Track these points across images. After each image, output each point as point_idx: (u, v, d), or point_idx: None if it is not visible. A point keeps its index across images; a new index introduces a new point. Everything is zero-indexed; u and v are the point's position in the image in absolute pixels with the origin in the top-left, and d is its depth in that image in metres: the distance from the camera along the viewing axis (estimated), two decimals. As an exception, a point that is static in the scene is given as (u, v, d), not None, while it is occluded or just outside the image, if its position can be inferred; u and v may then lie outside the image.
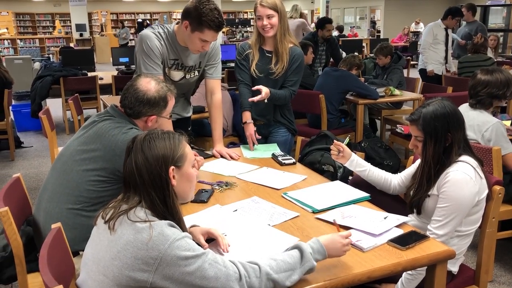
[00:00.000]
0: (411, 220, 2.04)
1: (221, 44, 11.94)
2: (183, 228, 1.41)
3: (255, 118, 2.91)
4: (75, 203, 1.90)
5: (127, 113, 2.01)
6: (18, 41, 17.14)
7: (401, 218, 1.80)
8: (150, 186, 1.36)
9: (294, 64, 2.81)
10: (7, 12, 20.12)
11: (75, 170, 1.92)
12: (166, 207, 1.38)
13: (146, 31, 2.56)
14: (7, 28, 18.85)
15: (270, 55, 2.80)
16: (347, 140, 2.27)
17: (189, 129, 3.10)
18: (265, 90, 2.67)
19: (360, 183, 2.25)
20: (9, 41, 16.61)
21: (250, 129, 2.82)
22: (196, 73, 2.77)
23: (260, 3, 2.69)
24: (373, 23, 19.14)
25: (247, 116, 2.85)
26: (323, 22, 5.87)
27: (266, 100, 2.75)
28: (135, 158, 1.37)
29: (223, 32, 17.45)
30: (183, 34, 2.50)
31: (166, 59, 2.59)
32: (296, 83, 2.88)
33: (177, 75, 2.68)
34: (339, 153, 2.21)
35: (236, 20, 21.84)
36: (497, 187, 1.94)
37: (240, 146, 2.96)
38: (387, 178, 2.23)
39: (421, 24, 16.01)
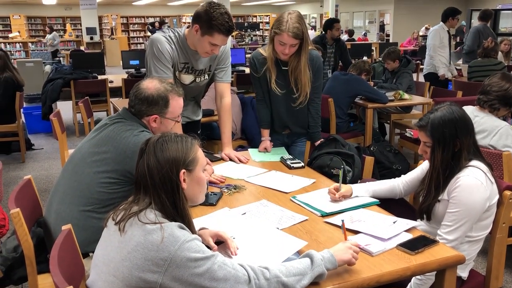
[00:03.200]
0: (420, 224, 2.03)
1: (230, 48, 11.96)
2: (192, 230, 1.42)
3: (280, 129, 2.94)
4: (86, 204, 1.91)
5: (132, 112, 2.02)
6: (30, 44, 17.32)
7: (410, 223, 1.79)
8: (161, 188, 1.37)
9: (312, 69, 2.74)
10: (19, 16, 20.35)
11: (86, 172, 1.94)
12: (176, 210, 1.39)
13: (157, 35, 2.57)
14: (19, 32, 19.07)
15: (286, 68, 2.71)
16: (340, 173, 2.16)
17: (198, 132, 3.11)
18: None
19: (369, 187, 2.23)
20: (20, 44, 16.81)
21: (265, 145, 2.89)
22: (206, 76, 2.78)
23: (287, 33, 2.49)
24: (382, 27, 19.09)
25: (264, 133, 2.92)
26: (332, 22, 5.88)
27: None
28: (147, 159, 1.38)
29: (232, 36, 17.50)
30: (193, 37, 2.51)
31: (176, 63, 2.60)
32: (318, 88, 2.86)
33: (187, 78, 2.69)
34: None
35: (245, 23, 21.88)
36: (507, 192, 1.93)
37: (249, 149, 2.96)
38: (393, 187, 2.20)
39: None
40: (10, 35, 18.31)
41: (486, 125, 2.74)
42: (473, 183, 1.85)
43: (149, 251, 1.26)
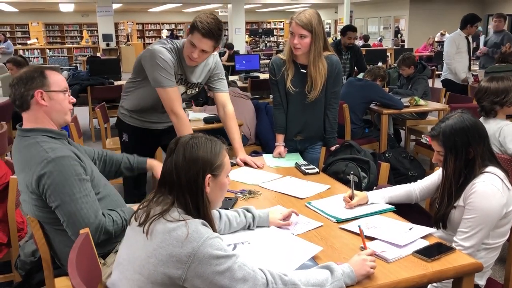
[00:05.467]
0: (437, 231, 2.01)
1: (244, 54, 12.02)
2: (213, 231, 1.43)
3: (292, 135, 2.92)
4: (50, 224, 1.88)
5: (17, 106, 1.84)
6: (47, 50, 17.60)
7: (426, 229, 1.78)
8: (186, 189, 1.39)
9: (332, 74, 2.76)
10: (38, 23, 20.72)
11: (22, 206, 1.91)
12: (198, 212, 1.41)
13: (157, 47, 2.55)
14: (37, 38, 19.39)
15: (305, 70, 2.72)
16: (352, 180, 2.11)
17: None
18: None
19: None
20: (38, 50, 17.07)
21: (279, 150, 2.88)
22: (197, 89, 2.82)
23: (295, 20, 2.57)
24: (397, 32, 18.99)
25: (279, 138, 2.91)
26: (345, 29, 5.87)
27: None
28: (176, 158, 1.40)
29: (246, 42, 17.58)
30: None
31: (175, 73, 2.62)
32: (337, 94, 2.88)
33: (179, 89, 2.70)
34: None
35: (260, 30, 21.96)
36: (526, 200, 1.90)
37: (263, 155, 2.97)
38: (409, 192, 2.19)
39: (447, 35, 15.82)
40: (28, 42, 18.64)
41: (490, 131, 2.77)
42: (489, 189, 1.83)
43: (174, 247, 1.29)
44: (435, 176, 2.16)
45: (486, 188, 1.83)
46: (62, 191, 1.73)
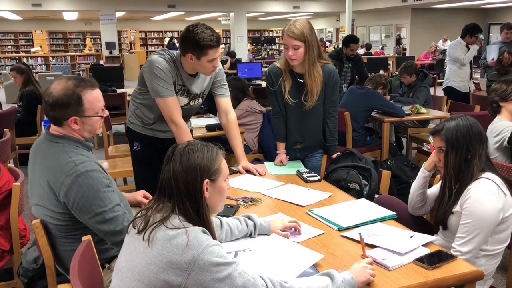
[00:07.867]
0: (437, 239, 2.01)
1: (246, 62, 12.08)
2: (213, 237, 1.44)
3: (291, 144, 2.92)
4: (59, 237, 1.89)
5: (51, 121, 1.86)
6: (51, 58, 17.69)
7: (427, 237, 1.78)
8: (185, 195, 1.40)
9: (329, 83, 2.76)
10: (41, 31, 20.87)
11: (34, 210, 1.91)
12: (198, 217, 1.42)
13: (156, 57, 2.57)
14: (40, 46, 19.52)
15: (302, 79, 2.73)
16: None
17: None
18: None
19: (385, 202, 2.23)
20: (42, 58, 17.16)
21: (280, 158, 2.88)
22: (200, 100, 2.81)
23: (287, 33, 2.59)
24: (399, 41, 19.06)
25: (280, 147, 2.92)
26: (348, 41, 5.90)
27: None
28: (173, 165, 1.42)
29: (248, 50, 17.66)
30: (191, 64, 2.53)
31: (175, 83, 2.63)
32: (336, 102, 2.89)
33: (181, 101, 2.70)
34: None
35: (262, 38, 22.06)
36: (527, 207, 1.91)
37: (265, 162, 2.98)
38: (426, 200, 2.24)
39: (449, 42, 15.84)
40: (32, 50, 18.75)
41: (489, 129, 2.96)
42: (483, 195, 1.85)
43: (174, 254, 1.29)
44: (434, 189, 2.19)
45: (481, 193, 1.85)
46: (94, 203, 1.77)
